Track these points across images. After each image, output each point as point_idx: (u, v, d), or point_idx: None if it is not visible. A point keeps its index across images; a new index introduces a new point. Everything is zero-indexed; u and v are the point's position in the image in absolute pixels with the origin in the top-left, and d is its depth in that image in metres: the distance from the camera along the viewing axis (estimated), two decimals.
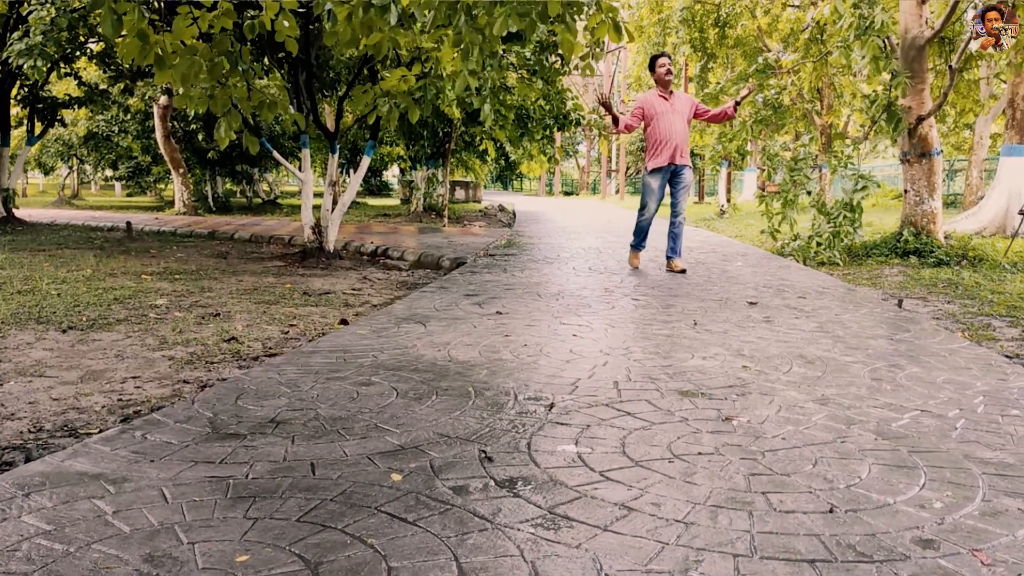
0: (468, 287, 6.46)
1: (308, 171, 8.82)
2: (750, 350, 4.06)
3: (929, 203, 9.03)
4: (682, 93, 7.77)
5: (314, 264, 8.44)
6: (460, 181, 29.53)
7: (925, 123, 8.97)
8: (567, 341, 4.26)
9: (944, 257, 8.33)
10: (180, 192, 19.34)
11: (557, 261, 8.67)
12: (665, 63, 7.58)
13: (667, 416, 2.88)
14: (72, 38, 10.65)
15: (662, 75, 7.56)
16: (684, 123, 7.55)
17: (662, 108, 7.50)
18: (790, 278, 7.21)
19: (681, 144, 7.48)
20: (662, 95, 7.58)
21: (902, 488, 2.21)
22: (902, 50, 9.11)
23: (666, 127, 7.45)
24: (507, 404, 3.01)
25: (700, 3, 15.94)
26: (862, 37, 8.75)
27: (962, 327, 4.99)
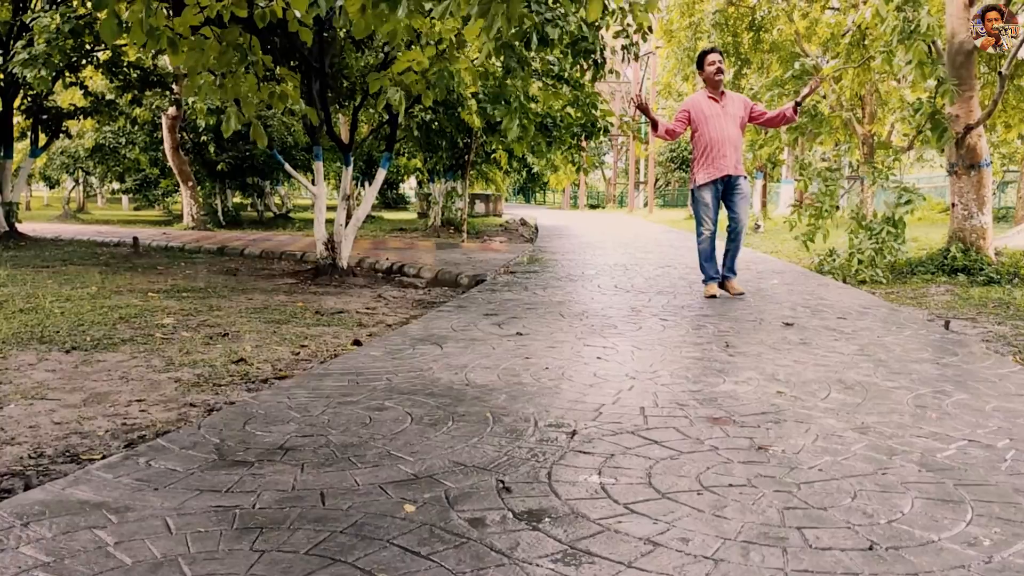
0: (487, 306, 6.47)
1: (321, 184, 8.90)
2: (785, 374, 4.04)
3: (978, 217, 8.96)
4: (735, 94, 7.25)
5: (327, 281, 8.49)
6: (480, 194, 29.65)
7: (973, 132, 8.91)
8: (591, 364, 4.26)
9: (995, 275, 8.24)
10: (189, 206, 19.57)
11: (581, 279, 8.67)
12: (715, 60, 7.02)
13: (696, 445, 2.87)
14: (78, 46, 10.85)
15: (711, 74, 7.02)
16: (737, 128, 7.03)
17: (711, 111, 7.00)
18: (829, 297, 7.17)
19: (733, 152, 6.98)
20: (712, 96, 7.08)
21: (947, 524, 2.19)
22: (949, 56, 9.07)
23: (716, 133, 6.95)
24: (527, 431, 3.01)
25: (734, 6, 15.98)
26: (906, 42, 8.73)
27: (1014, 350, 4.93)
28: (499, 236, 16.99)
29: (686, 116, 7.14)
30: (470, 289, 7.99)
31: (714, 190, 7.04)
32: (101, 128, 21.47)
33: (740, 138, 7.09)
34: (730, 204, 7.10)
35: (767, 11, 15.99)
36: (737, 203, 7.07)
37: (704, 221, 7.12)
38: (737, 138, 7.02)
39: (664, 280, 8.50)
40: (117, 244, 13.95)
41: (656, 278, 8.72)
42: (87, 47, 11.66)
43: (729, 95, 7.12)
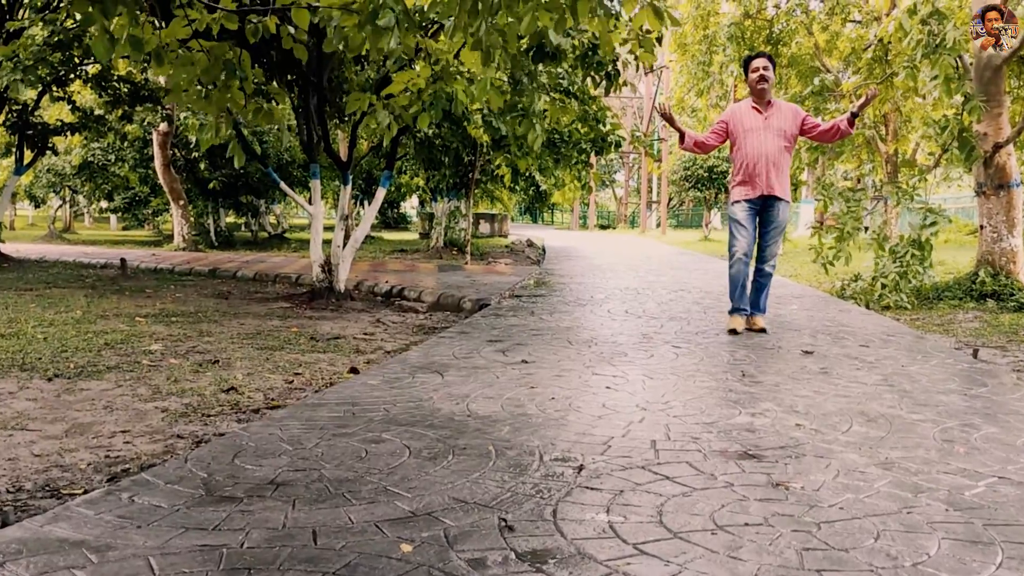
0: (491, 332, 6.47)
1: (318, 203, 8.94)
2: (804, 406, 4.02)
3: (1008, 240, 8.95)
4: (785, 104, 6.73)
5: (323, 306, 8.50)
6: (485, 214, 29.77)
7: (1003, 151, 8.92)
8: (599, 394, 4.25)
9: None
10: (180, 225, 19.65)
11: (590, 303, 8.67)
12: (759, 66, 6.55)
13: (710, 481, 2.85)
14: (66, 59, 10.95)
15: (754, 82, 6.55)
16: (781, 142, 6.48)
17: (752, 123, 6.52)
18: (851, 323, 7.15)
19: (772, 171, 6.44)
20: (755, 107, 6.58)
21: (976, 567, 2.17)
22: (976, 71, 9.10)
23: (756, 147, 6.45)
24: (531, 465, 3.00)
25: (750, 18, 16.07)
26: (931, 56, 8.77)
27: None
28: (504, 258, 17.01)
29: (723, 128, 6.70)
30: (473, 314, 7.99)
31: (749, 209, 6.54)
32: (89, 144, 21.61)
33: (784, 155, 6.51)
34: (763, 231, 6.63)
35: (785, 24, 16.09)
36: (770, 234, 6.60)
37: (736, 241, 6.59)
38: (777, 154, 6.45)
39: (677, 305, 8.49)
40: (104, 266, 14.01)
41: (669, 303, 8.71)
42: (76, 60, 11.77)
43: (777, 105, 6.61)
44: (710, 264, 15.63)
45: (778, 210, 6.54)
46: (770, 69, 6.57)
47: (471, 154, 14.67)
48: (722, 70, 16.29)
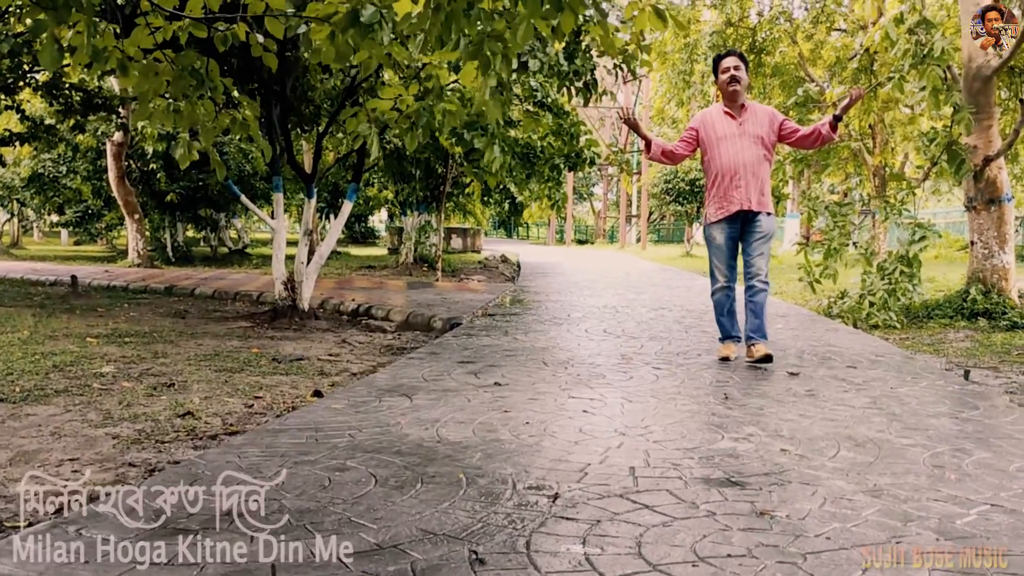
0: (463, 353, 6.46)
1: (281, 218, 8.90)
2: (790, 430, 4.03)
3: (1000, 256, 9.06)
4: (760, 107, 6.38)
5: (286, 325, 8.46)
6: (457, 228, 29.80)
7: (993, 164, 9.05)
8: (576, 418, 4.24)
9: (1018, 320, 8.32)
10: (135, 240, 19.50)
11: (567, 322, 8.68)
12: (730, 66, 6.18)
13: (691, 510, 2.85)
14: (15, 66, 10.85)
15: (724, 84, 6.20)
16: (759, 150, 6.13)
17: (725, 130, 6.17)
18: (838, 343, 7.21)
19: (752, 181, 6.08)
20: (728, 111, 6.22)
21: None
22: (965, 81, 9.24)
23: (728, 157, 6.11)
24: (504, 494, 2.99)
25: (732, 27, 16.26)
26: (919, 67, 8.89)
27: None
28: (477, 274, 17.01)
29: (693, 136, 6.34)
30: (444, 334, 7.98)
31: (728, 229, 6.19)
32: (39, 155, 21.41)
33: (762, 164, 6.15)
34: (746, 246, 6.21)
35: (768, 32, 16.28)
36: (753, 246, 6.15)
37: (716, 268, 6.30)
38: (756, 163, 6.09)
39: (658, 324, 8.52)
40: (54, 283, 13.86)
41: (649, 322, 8.74)
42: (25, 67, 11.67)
43: (752, 109, 6.25)
44: (692, 281, 15.71)
45: (761, 223, 6.14)
46: (742, 69, 6.19)
47: (443, 166, 14.67)
48: (703, 80, 16.46)
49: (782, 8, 16.91)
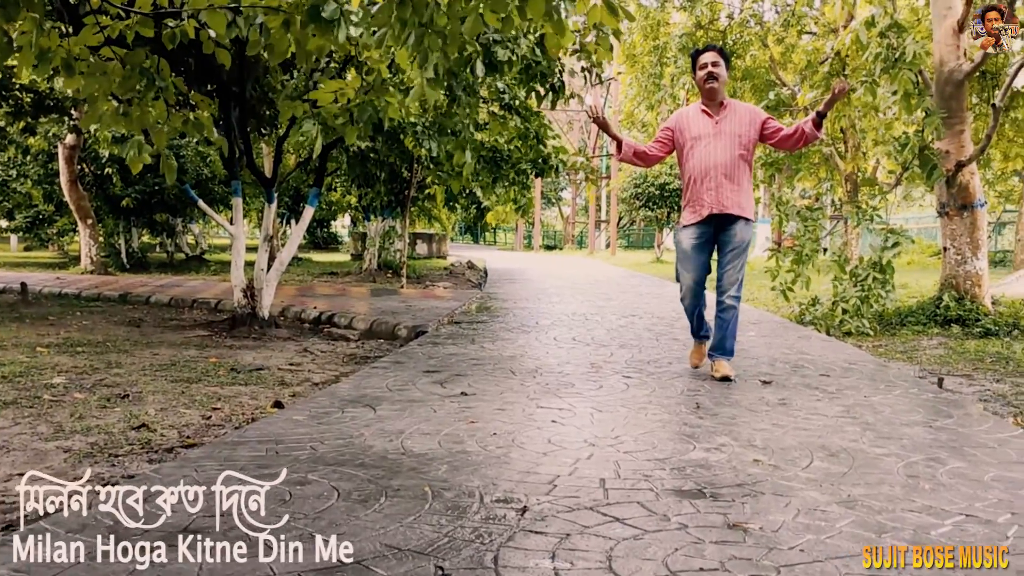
0: (428, 362, 6.43)
1: (240, 223, 8.83)
2: (763, 440, 4.05)
3: (973, 263, 9.19)
4: (741, 104, 6.11)
5: (245, 334, 8.39)
6: (422, 233, 29.74)
7: (966, 170, 9.17)
8: (544, 429, 4.23)
9: (992, 326, 8.43)
10: (87, 246, 19.24)
11: (535, 330, 8.68)
12: (709, 61, 5.91)
13: (663, 523, 2.85)
14: None
15: (703, 80, 5.91)
16: (736, 150, 5.86)
17: (701, 129, 5.91)
18: (811, 351, 7.26)
19: (728, 184, 5.82)
20: (705, 110, 5.96)
21: None
22: (937, 86, 9.37)
23: (705, 158, 5.84)
24: (471, 508, 2.97)
25: (703, 29, 16.37)
26: (890, 71, 9.00)
27: (1014, 411, 5.02)
28: (443, 281, 16.97)
29: (668, 136, 6.08)
30: (409, 342, 7.95)
31: (699, 233, 5.93)
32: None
33: (740, 165, 5.87)
34: (721, 256, 5.97)
35: (739, 35, 16.42)
36: (727, 257, 5.89)
37: (683, 275, 6.07)
38: (731, 165, 5.82)
39: (628, 332, 8.54)
40: (2, 291, 13.63)
41: (619, 329, 8.76)
42: None
43: (732, 107, 5.98)
44: (663, 288, 15.78)
45: (736, 229, 5.87)
46: (721, 65, 5.92)
47: (408, 170, 14.64)
48: (673, 83, 16.54)
49: (753, 11, 17.07)
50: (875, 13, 9.44)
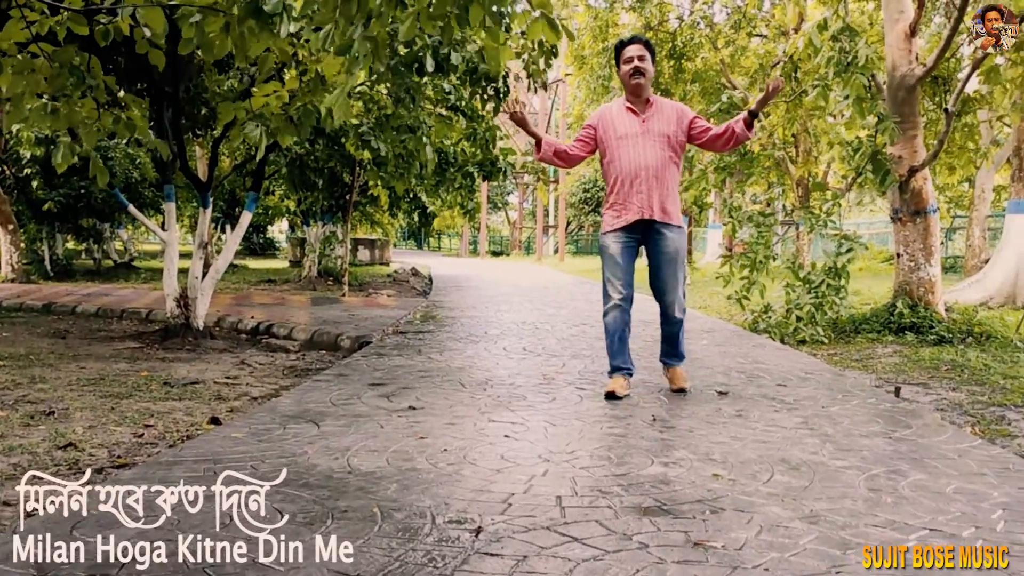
0: (373, 374, 6.37)
1: (173, 229, 8.69)
2: (721, 453, 4.06)
3: (926, 269, 9.35)
4: (667, 102, 5.88)
5: (179, 345, 8.25)
6: (364, 239, 29.56)
7: (919, 175, 9.34)
8: (497, 444, 4.20)
9: (946, 333, 8.59)
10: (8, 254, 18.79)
11: (484, 340, 8.65)
12: (634, 54, 5.65)
13: (623, 542, 2.83)
14: None
15: (627, 75, 5.67)
16: (665, 151, 5.61)
17: (627, 128, 5.65)
18: (766, 360, 7.33)
19: (657, 187, 5.55)
20: (631, 107, 5.70)
21: None
22: (889, 90, 9.53)
23: (632, 158, 5.58)
24: (422, 529, 2.93)
25: (652, 31, 16.50)
26: (843, 75, 9.13)
27: (972, 420, 5.11)
28: (387, 289, 16.88)
29: (591, 135, 5.82)
30: (353, 353, 7.87)
31: (625, 240, 5.66)
32: None
33: (669, 167, 5.63)
34: (654, 271, 5.74)
35: (689, 37, 16.58)
36: (664, 270, 5.65)
37: (609, 282, 5.67)
38: (660, 167, 5.57)
39: (580, 341, 8.55)
40: None
41: (571, 339, 8.76)
42: None
43: (658, 105, 5.74)
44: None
45: (667, 239, 5.61)
46: (647, 59, 5.67)
47: (350, 173, 14.52)
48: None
49: (703, 13, 17.25)
50: (827, 16, 9.59)
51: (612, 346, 5.69)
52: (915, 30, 9.46)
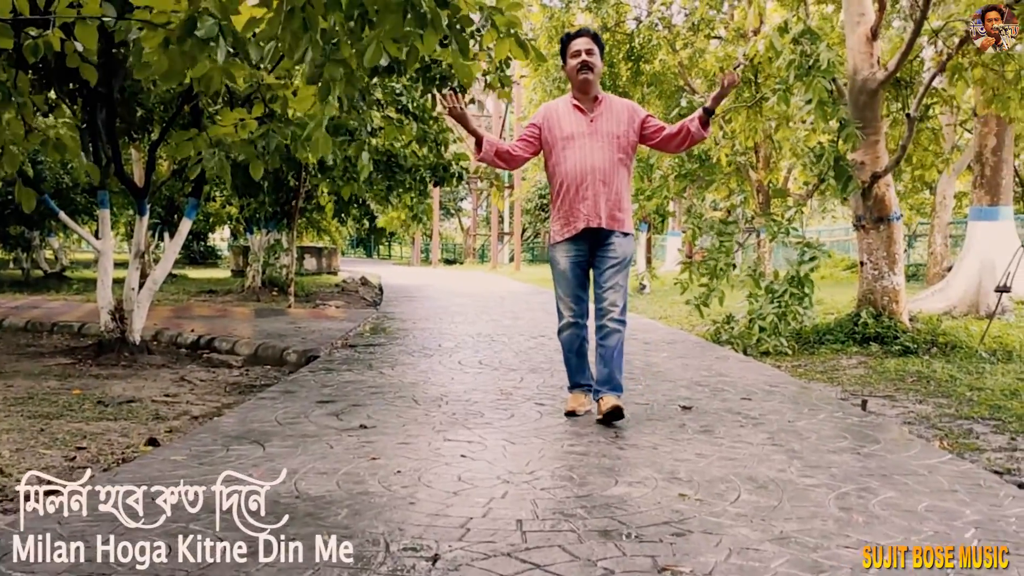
0: (322, 391, 6.29)
1: (107, 237, 8.54)
2: (687, 471, 4.05)
3: (890, 278, 9.45)
4: (618, 100, 5.65)
5: (114, 361, 8.10)
6: (311, 247, 29.37)
7: (881, 182, 9.44)
8: (453, 465, 4.15)
9: (910, 344, 8.68)
10: None
11: (438, 353, 8.59)
12: (582, 48, 5.41)
13: (588, 568, 2.80)
14: None
15: (574, 70, 5.42)
16: (614, 152, 5.36)
17: (575, 127, 5.38)
18: (730, 373, 7.35)
19: (606, 191, 5.29)
20: (578, 104, 5.44)
21: None
22: (851, 94, 9.62)
23: (579, 161, 5.31)
24: (376, 558, 2.87)
25: (609, 32, 16.56)
26: (804, 79, 9.21)
27: (939, 434, 5.15)
28: (335, 299, 16.75)
29: (535, 134, 5.52)
30: (299, 368, 7.77)
31: (574, 254, 5.41)
32: None
33: (619, 170, 5.38)
34: (596, 277, 5.46)
35: (647, 39, 16.65)
36: (605, 275, 5.35)
37: (561, 300, 5.49)
38: (609, 169, 5.32)
39: (538, 354, 8.52)
40: None
41: (529, 351, 8.73)
42: None
43: (608, 103, 5.49)
44: None
45: (614, 243, 5.36)
46: (596, 53, 5.44)
47: (296, 178, 14.38)
48: None
49: (661, 14, 17.35)
50: (788, 19, 9.67)
51: (570, 362, 5.57)
52: (876, 33, 9.58)
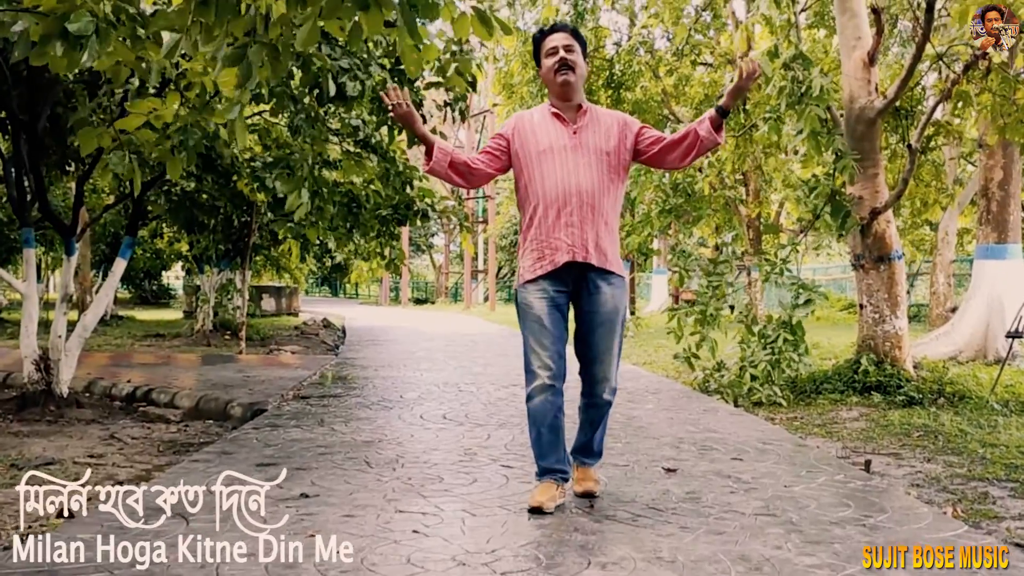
0: (264, 451, 6.00)
1: (32, 280, 8.28)
2: (670, 550, 3.79)
3: (892, 321, 9.27)
4: (605, 111, 4.92)
5: (37, 416, 7.77)
6: (269, 287, 29.09)
7: (881, 218, 9.29)
8: (403, 543, 3.88)
9: (915, 394, 8.50)
10: None
11: (399, 405, 8.32)
12: (560, 44, 4.63)
13: None
14: None
15: (551, 71, 4.64)
16: (602, 171, 4.60)
17: (553, 140, 4.62)
18: (719, 428, 7.11)
19: (592, 218, 4.52)
20: (558, 113, 4.69)
21: None
22: (847, 124, 9.50)
23: (564, 180, 4.54)
24: None
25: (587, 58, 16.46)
26: (796, 107, 9.07)
27: (952, 499, 4.94)
28: (292, 344, 16.49)
29: (502, 146, 4.75)
30: (243, 424, 7.47)
31: (552, 294, 4.58)
32: None
33: (608, 192, 4.61)
34: (583, 334, 4.66)
35: (628, 65, 16.57)
36: (597, 335, 4.61)
37: (534, 353, 4.56)
38: (598, 190, 4.56)
39: (508, 407, 8.25)
40: None
41: (498, 403, 8.47)
42: None
43: (593, 113, 4.75)
44: None
45: (604, 294, 4.59)
46: (576, 50, 4.68)
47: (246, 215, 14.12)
48: None
49: (642, 38, 17.29)
50: (778, 43, 9.55)
51: (540, 440, 4.61)
52: (874, 58, 9.47)
